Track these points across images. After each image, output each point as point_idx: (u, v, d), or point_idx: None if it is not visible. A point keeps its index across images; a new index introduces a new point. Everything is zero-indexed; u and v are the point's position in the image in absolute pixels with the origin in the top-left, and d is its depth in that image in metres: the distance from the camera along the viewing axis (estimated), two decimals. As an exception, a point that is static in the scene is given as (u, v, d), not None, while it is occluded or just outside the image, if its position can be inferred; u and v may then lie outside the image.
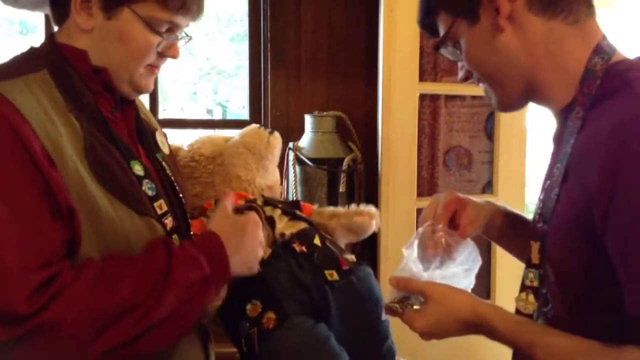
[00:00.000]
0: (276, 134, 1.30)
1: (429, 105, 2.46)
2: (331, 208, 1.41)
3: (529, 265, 0.91)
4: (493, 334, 0.89)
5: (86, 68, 0.98)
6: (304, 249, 1.18)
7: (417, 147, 2.38)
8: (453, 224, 1.08)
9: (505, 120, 2.48)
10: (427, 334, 0.95)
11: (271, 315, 1.13)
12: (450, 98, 2.49)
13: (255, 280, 1.10)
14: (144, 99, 1.28)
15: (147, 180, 1.00)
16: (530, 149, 2.56)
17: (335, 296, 1.15)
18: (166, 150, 1.17)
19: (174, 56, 1.05)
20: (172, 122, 3.16)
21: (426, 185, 2.48)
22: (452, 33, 0.94)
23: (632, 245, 0.73)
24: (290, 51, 2.54)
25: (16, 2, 1.09)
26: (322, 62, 2.57)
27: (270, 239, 1.19)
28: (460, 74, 1.02)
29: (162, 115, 2.67)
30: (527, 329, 0.87)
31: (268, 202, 1.25)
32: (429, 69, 2.42)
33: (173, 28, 1.01)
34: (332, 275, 1.16)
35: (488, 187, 2.56)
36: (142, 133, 1.09)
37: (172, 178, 1.11)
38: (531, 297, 0.90)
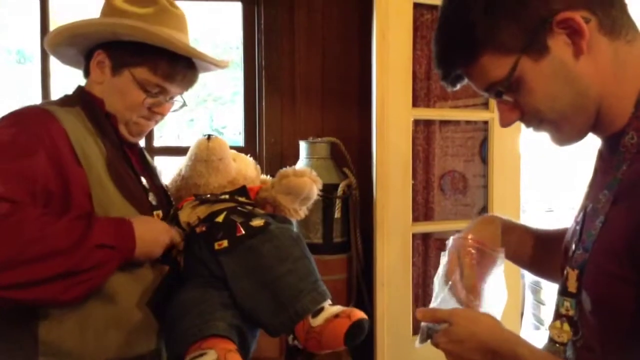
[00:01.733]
0: (213, 137, 1.44)
1: (423, 130, 2.47)
2: (276, 175, 1.48)
3: (565, 293, 0.88)
4: None
5: (103, 112, 1.27)
6: (203, 229, 1.29)
7: (411, 172, 2.39)
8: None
9: (499, 144, 2.50)
10: (449, 353, 0.94)
11: None
12: (444, 123, 2.51)
13: (177, 269, 1.30)
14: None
15: (151, 194, 1.29)
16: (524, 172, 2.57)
17: (226, 261, 1.23)
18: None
19: (162, 114, 1.32)
20: (169, 149, 3.16)
21: (421, 210, 2.48)
22: (512, 75, 0.83)
23: None
24: (284, 78, 2.56)
25: (63, 59, 1.39)
26: (316, 89, 2.59)
27: (181, 233, 1.32)
28: (505, 119, 0.90)
29: (158, 142, 2.68)
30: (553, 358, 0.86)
31: (196, 197, 1.38)
32: (422, 94, 2.44)
33: (163, 91, 1.28)
34: (222, 244, 1.24)
35: (484, 211, 2.56)
36: (148, 167, 1.40)
37: (169, 194, 1.41)
38: (566, 326, 0.88)
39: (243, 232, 1.27)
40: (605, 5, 0.82)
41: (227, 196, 1.39)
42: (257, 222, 1.29)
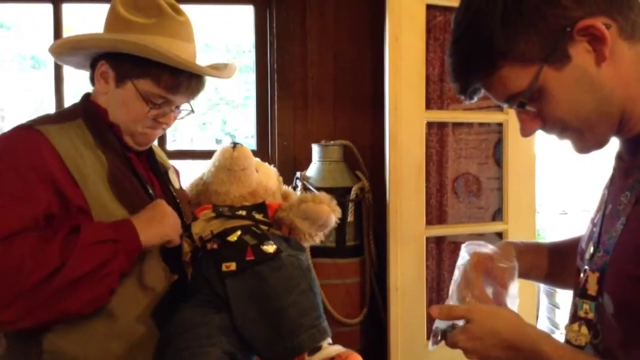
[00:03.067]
0: (239, 146, 1.41)
1: (436, 132, 2.45)
2: (295, 198, 1.45)
3: (584, 296, 0.86)
4: (539, 357, 0.84)
5: (107, 121, 1.27)
6: (214, 246, 1.27)
7: (425, 174, 2.37)
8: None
9: (514, 146, 2.48)
10: (471, 351, 0.91)
11: None
12: (457, 125, 2.49)
13: (184, 280, 1.30)
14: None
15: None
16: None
17: (231, 285, 1.22)
18: (177, 185, 1.43)
19: (167, 124, 1.31)
20: (182, 153, 3.17)
21: (435, 213, 2.46)
22: (535, 85, 0.82)
23: None
24: (296, 82, 2.56)
25: (70, 64, 1.38)
26: (329, 92, 2.58)
27: (190, 243, 1.32)
28: (526, 129, 0.89)
29: (171, 146, 2.69)
30: (581, 357, 0.84)
31: (214, 209, 1.36)
32: (435, 96, 2.42)
33: (167, 102, 1.27)
34: (229, 266, 1.23)
35: (498, 214, 2.53)
36: (156, 169, 1.38)
37: (178, 202, 1.38)
38: (584, 329, 0.86)
39: (253, 257, 1.24)
40: (625, 10, 0.81)
41: (244, 212, 1.36)
42: (268, 248, 1.26)
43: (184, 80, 1.25)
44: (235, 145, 1.42)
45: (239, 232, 1.30)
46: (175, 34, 1.26)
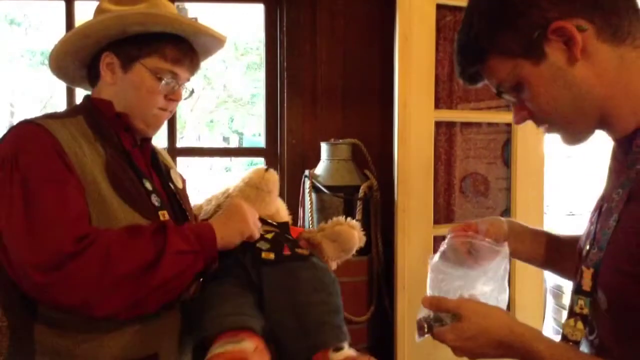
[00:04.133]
0: (271, 170, 1.50)
1: (445, 132, 2.46)
2: (330, 222, 1.54)
3: (579, 292, 0.88)
4: (532, 356, 0.87)
5: (111, 113, 1.29)
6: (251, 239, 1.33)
7: (433, 174, 2.38)
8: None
9: (522, 146, 2.47)
10: (459, 349, 0.94)
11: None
12: (466, 125, 2.49)
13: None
14: (163, 128, 1.45)
15: (154, 195, 1.28)
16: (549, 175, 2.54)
17: (267, 272, 1.27)
18: (179, 185, 1.46)
19: (177, 99, 1.34)
20: (190, 150, 3.19)
21: (443, 212, 2.46)
22: (516, 76, 0.91)
23: None
24: (306, 80, 2.56)
25: (65, 77, 1.42)
26: (338, 90, 2.59)
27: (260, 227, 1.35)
28: (517, 117, 0.97)
29: (179, 143, 2.70)
30: (574, 355, 0.86)
31: None
32: (444, 96, 2.43)
33: (174, 76, 1.31)
34: (269, 255, 1.30)
35: (506, 213, 2.53)
36: (158, 167, 1.40)
37: (180, 201, 1.40)
38: (580, 324, 0.88)
39: (289, 252, 1.32)
40: (606, 13, 0.86)
41: (275, 223, 1.44)
42: (303, 251, 1.36)
43: (187, 52, 1.32)
44: (267, 169, 1.51)
45: (274, 233, 1.37)
46: (167, 6, 1.33)
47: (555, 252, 1.15)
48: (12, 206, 1.08)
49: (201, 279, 1.30)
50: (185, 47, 1.32)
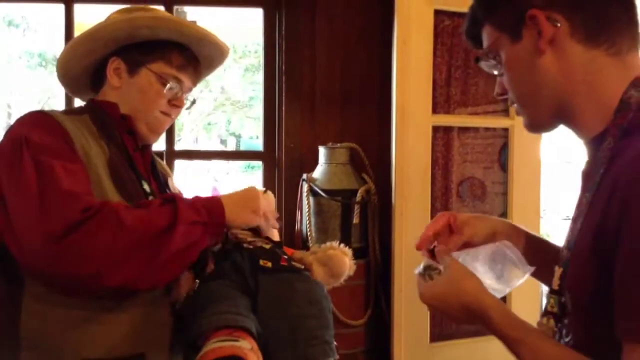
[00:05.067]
0: (269, 192, 1.49)
1: (442, 137, 2.47)
2: (323, 246, 1.55)
3: (550, 290, 0.91)
4: (488, 324, 0.91)
5: (116, 115, 1.33)
6: (250, 246, 1.35)
7: (430, 178, 2.39)
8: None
9: (519, 151, 2.49)
10: (430, 305, 1.00)
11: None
12: (463, 130, 2.50)
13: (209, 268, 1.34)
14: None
15: (152, 197, 1.30)
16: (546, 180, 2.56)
17: (265, 279, 1.28)
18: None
19: (180, 106, 1.40)
20: (187, 153, 3.20)
21: (440, 217, 2.47)
22: (495, 47, 0.97)
23: (632, 270, 0.74)
24: (304, 84, 2.57)
25: (70, 85, 1.46)
26: (336, 94, 2.60)
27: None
28: (497, 88, 1.03)
29: (176, 146, 2.70)
30: (521, 326, 0.89)
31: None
32: (442, 101, 2.44)
33: (179, 82, 1.36)
34: (266, 263, 1.30)
35: (502, 218, 2.54)
36: (156, 174, 1.44)
37: None
38: (551, 322, 0.91)
39: (286, 264, 1.34)
40: (586, 17, 0.88)
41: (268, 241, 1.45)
42: (297, 265, 1.37)
43: (191, 60, 1.38)
44: (266, 191, 1.51)
45: (271, 245, 1.38)
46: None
47: (531, 251, 1.13)
48: (22, 180, 1.10)
49: (196, 280, 1.31)
50: (190, 56, 1.38)
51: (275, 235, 1.51)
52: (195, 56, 1.40)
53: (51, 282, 1.12)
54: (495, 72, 1.01)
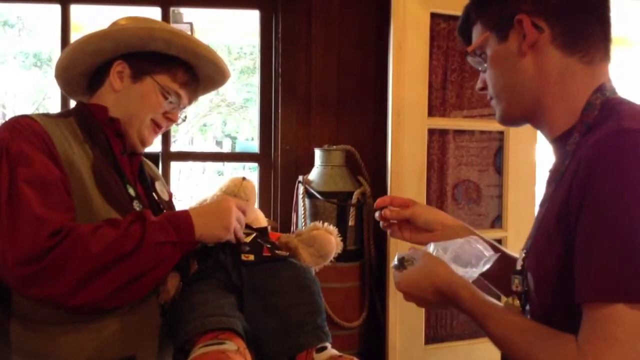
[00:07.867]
0: (249, 179, 1.52)
1: (438, 139, 2.48)
2: (307, 227, 1.56)
3: (515, 271, 1.00)
4: (458, 303, 0.97)
5: (104, 117, 1.34)
6: (232, 241, 1.34)
7: (426, 181, 2.39)
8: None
9: (514, 154, 2.50)
10: (405, 292, 1.05)
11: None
12: (458, 133, 2.51)
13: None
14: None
15: (137, 201, 1.31)
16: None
17: (248, 272, 1.29)
18: (165, 197, 1.49)
19: (174, 120, 1.42)
20: (182, 154, 3.19)
21: (435, 219, 2.47)
22: (482, 44, 1.04)
23: (593, 234, 0.80)
24: (300, 86, 2.58)
25: (66, 83, 1.45)
26: (332, 97, 2.60)
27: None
28: (479, 83, 1.10)
29: (171, 147, 2.70)
30: (489, 303, 0.95)
31: None
32: (438, 104, 2.45)
33: (178, 97, 1.39)
34: (248, 257, 1.32)
35: (497, 221, 2.55)
36: (143, 178, 1.43)
37: (162, 207, 1.43)
38: (516, 302, 0.98)
39: (269, 254, 1.34)
40: (567, 27, 0.96)
41: (254, 227, 1.45)
42: (282, 252, 1.38)
43: (194, 78, 1.42)
44: (244, 178, 1.53)
45: (253, 235, 1.38)
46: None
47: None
48: None
49: (181, 282, 1.31)
50: (193, 75, 1.41)
51: (260, 220, 1.51)
52: (197, 76, 1.43)
53: (28, 298, 1.13)
54: (480, 68, 1.08)
